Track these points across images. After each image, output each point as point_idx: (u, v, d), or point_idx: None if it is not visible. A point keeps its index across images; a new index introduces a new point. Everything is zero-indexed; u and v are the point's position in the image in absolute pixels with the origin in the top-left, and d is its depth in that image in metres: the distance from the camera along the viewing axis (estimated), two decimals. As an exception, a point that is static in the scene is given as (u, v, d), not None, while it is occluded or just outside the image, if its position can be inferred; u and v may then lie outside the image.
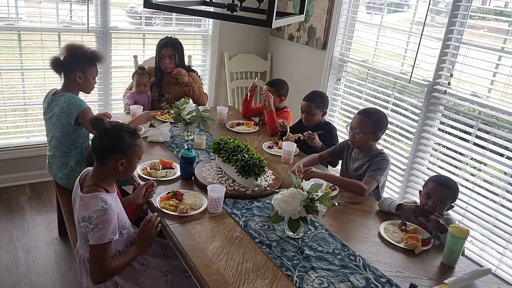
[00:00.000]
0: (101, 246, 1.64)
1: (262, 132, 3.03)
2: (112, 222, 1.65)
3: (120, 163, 1.72)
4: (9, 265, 2.67)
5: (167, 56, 3.26)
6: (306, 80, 3.91)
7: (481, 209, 2.69)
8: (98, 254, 1.66)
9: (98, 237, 1.62)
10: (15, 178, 3.57)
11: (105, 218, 1.62)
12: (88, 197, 1.66)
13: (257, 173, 2.12)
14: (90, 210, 1.62)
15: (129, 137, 1.74)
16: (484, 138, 2.68)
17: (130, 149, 1.74)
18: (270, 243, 1.76)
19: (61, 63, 2.48)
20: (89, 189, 1.69)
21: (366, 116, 2.41)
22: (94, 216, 1.61)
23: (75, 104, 2.41)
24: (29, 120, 3.69)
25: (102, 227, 1.62)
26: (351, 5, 3.50)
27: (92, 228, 1.62)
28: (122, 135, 1.72)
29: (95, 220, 1.61)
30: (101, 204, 1.63)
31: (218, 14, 1.68)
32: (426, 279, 1.67)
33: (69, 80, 2.51)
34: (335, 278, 1.60)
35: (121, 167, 1.73)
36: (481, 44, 2.74)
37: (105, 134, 1.72)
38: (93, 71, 2.55)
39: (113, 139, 1.71)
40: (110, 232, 1.64)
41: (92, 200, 1.64)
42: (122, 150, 1.72)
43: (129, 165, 1.77)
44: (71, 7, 3.64)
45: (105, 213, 1.62)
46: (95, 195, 1.65)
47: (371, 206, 2.18)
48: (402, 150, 3.23)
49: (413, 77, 3.00)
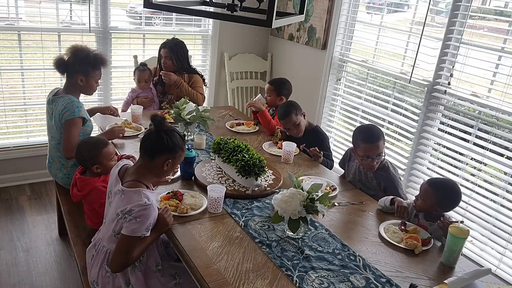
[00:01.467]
0: (131, 238, 1.67)
1: (262, 132, 3.03)
2: (149, 219, 1.69)
3: (166, 163, 1.78)
4: (9, 265, 2.67)
5: (164, 56, 3.34)
6: (306, 80, 3.91)
7: (481, 209, 2.69)
8: (126, 245, 1.69)
9: (133, 229, 1.66)
10: (15, 178, 3.57)
11: (145, 213, 1.67)
12: (131, 192, 1.70)
13: (257, 173, 2.12)
14: (132, 204, 1.66)
15: (180, 140, 1.83)
16: (484, 138, 2.68)
17: (178, 151, 1.81)
18: (270, 243, 1.76)
19: (64, 63, 2.47)
20: (131, 184, 1.73)
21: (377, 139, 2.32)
22: (135, 210, 1.65)
23: (70, 109, 2.41)
24: (29, 120, 3.70)
25: (140, 221, 1.66)
26: (351, 5, 3.50)
27: (130, 219, 1.65)
28: (176, 136, 1.81)
29: (135, 213, 1.65)
30: (144, 200, 1.67)
31: (218, 14, 1.68)
32: (426, 279, 1.67)
33: (71, 81, 2.51)
34: (335, 278, 1.60)
35: (166, 167, 1.79)
36: (481, 44, 2.74)
37: (163, 132, 1.78)
38: (96, 74, 2.54)
39: (168, 138, 1.78)
40: (144, 228, 1.69)
41: (135, 195, 1.69)
42: (173, 151, 1.79)
43: (172, 167, 1.83)
44: (71, 7, 3.64)
45: (147, 209, 1.67)
46: (139, 190, 1.70)
47: (371, 206, 2.18)
48: (402, 150, 3.23)
49: (413, 77, 3.00)
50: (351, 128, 3.65)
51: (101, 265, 1.82)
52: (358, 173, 2.49)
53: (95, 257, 1.86)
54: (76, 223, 2.35)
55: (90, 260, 1.88)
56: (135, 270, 1.81)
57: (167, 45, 3.33)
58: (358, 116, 3.58)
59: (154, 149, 1.77)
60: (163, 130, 1.79)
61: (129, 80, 3.84)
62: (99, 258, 1.83)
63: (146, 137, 1.82)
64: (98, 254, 1.84)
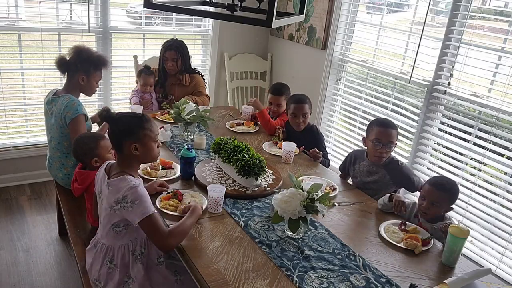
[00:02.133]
0: (148, 219, 1.65)
1: (262, 132, 3.03)
2: (146, 196, 1.69)
3: (133, 148, 1.75)
4: (9, 265, 2.67)
5: (170, 59, 3.32)
6: (306, 80, 3.91)
7: (481, 209, 2.69)
8: (151, 227, 1.67)
9: (141, 211, 1.64)
10: (15, 178, 3.57)
11: (139, 193, 1.66)
12: (117, 181, 1.70)
13: (257, 173, 2.12)
14: (123, 190, 1.66)
15: (136, 121, 1.77)
16: (484, 138, 2.68)
17: (140, 133, 1.76)
18: (270, 243, 1.76)
19: (66, 63, 2.48)
20: (116, 175, 1.74)
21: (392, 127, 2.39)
22: (128, 194, 1.65)
23: (72, 107, 2.42)
24: (29, 120, 3.70)
25: (140, 201, 1.65)
26: (351, 5, 3.50)
27: (130, 206, 1.65)
28: (128, 119, 1.78)
29: (130, 197, 1.65)
30: (132, 183, 1.67)
31: (218, 14, 1.68)
32: (426, 279, 1.67)
33: (71, 81, 2.52)
34: (335, 278, 1.60)
35: (136, 151, 1.75)
36: (481, 44, 2.74)
37: (114, 123, 1.78)
38: (97, 75, 2.56)
39: (121, 126, 1.76)
40: (149, 204, 1.68)
41: (121, 182, 1.69)
42: (131, 134, 1.75)
43: (146, 149, 1.78)
44: (71, 7, 3.64)
45: (137, 189, 1.66)
46: (124, 177, 1.70)
47: (371, 206, 2.18)
48: (402, 150, 3.23)
49: (413, 77, 3.00)
50: (351, 128, 3.66)
51: (103, 262, 1.82)
52: (368, 173, 2.48)
53: (95, 256, 1.86)
54: (76, 223, 2.35)
55: (90, 260, 1.89)
56: (136, 262, 1.81)
57: (172, 46, 3.30)
58: (358, 116, 3.58)
59: (114, 141, 1.78)
60: (111, 120, 1.79)
61: (129, 80, 3.84)
62: (100, 256, 1.83)
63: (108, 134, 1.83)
64: (98, 253, 1.84)
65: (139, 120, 1.79)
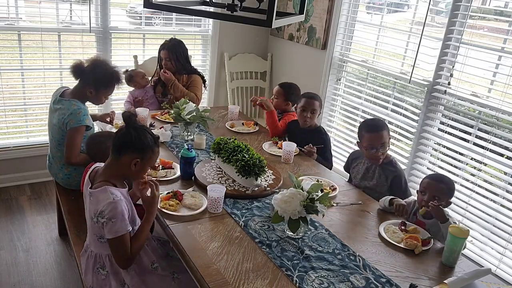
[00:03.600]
0: (119, 239, 1.65)
1: (262, 132, 3.03)
2: (124, 214, 1.65)
3: (134, 162, 1.71)
4: (9, 265, 2.67)
5: (164, 58, 3.35)
6: (306, 80, 3.90)
7: (481, 209, 2.69)
8: (118, 247, 1.67)
9: (115, 230, 1.63)
10: (15, 178, 3.57)
11: (117, 210, 1.63)
12: (98, 192, 1.67)
13: (257, 173, 2.12)
14: (101, 204, 1.63)
15: (151, 140, 1.75)
16: (484, 138, 2.68)
17: (148, 152, 1.73)
18: (270, 243, 1.76)
19: (81, 71, 2.47)
20: (99, 185, 1.70)
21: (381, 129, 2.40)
22: (106, 210, 1.62)
23: (77, 116, 2.40)
24: (29, 120, 3.69)
25: (116, 220, 1.62)
26: (351, 5, 3.50)
27: (106, 222, 1.62)
28: (146, 135, 1.74)
29: (108, 214, 1.62)
30: (112, 197, 1.63)
31: (218, 14, 1.68)
32: (426, 279, 1.67)
33: (81, 89, 2.50)
34: (335, 278, 1.60)
35: (134, 166, 1.71)
36: (481, 44, 2.74)
37: (132, 129, 1.73)
38: (107, 91, 2.54)
39: (137, 136, 1.71)
40: (125, 224, 1.66)
41: (102, 194, 1.65)
42: (140, 150, 1.71)
43: (141, 168, 1.76)
44: (71, 7, 3.64)
45: (117, 206, 1.63)
46: (105, 188, 1.66)
47: (371, 206, 2.18)
48: (402, 150, 3.23)
49: (413, 77, 3.00)
50: (351, 128, 3.66)
51: (93, 269, 1.80)
52: (365, 172, 2.50)
53: (87, 262, 1.84)
54: (76, 223, 2.35)
55: (83, 265, 1.87)
56: (129, 271, 1.79)
57: (165, 46, 3.33)
58: (358, 116, 3.58)
59: (121, 145, 1.72)
60: (133, 126, 1.73)
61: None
62: (90, 263, 1.82)
63: (116, 134, 1.77)
64: (89, 259, 1.83)
65: (154, 141, 1.76)
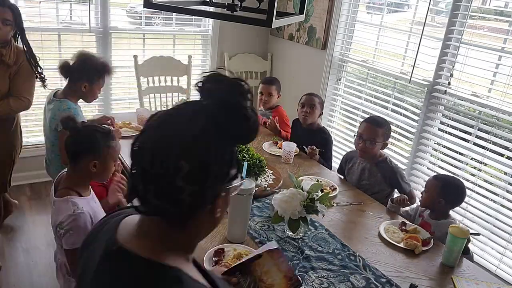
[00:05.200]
0: (74, 251, 1.55)
1: (262, 132, 3.03)
2: (84, 227, 1.58)
3: (92, 165, 1.62)
4: (9, 265, 2.67)
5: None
6: (306, 80, 3.91)
7: (481, 209, 2.68)
8: (74, 259, 1.58)
9: (72, 242, 1.56)
10: (15, 178, 3.56)
11: (77, 223, 1.55)
12: (59, 202, 1.59)
13: (257, 173, 2.12)
14: (62, 216, 1.56)
15: (102, 137, 1.65)
16: (484, 138, 2.68)
17: (104, 150, 1.65)
18: (270, 243, 1.76)
19: (69, 69, 2.46)
20: (61, 193, 1.61)
21: (378, 125, 2.41)
22: (65, 222, 1.55)
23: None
24: (29, 120, 3.69)
25: (74, 233, 1.56)
26: (351, 5, 3.50)
27: (64, 233, 1.56)
28: (95, 135, 1.64)
29: (67, 226, 1.55)
30: (73, 209, 1.56)
31: (218, 14, 1.68)
32: (426, 279, 1.67)
33: (72, 86, 2.49)
34: (335, 278, 1.60)
35: (94, 169, 1.63)
36: (481, 44, 2.74)
37: (77, 134, 1.64)
38: (100, 83, 2.53)
39: (85, 139, 1.63)
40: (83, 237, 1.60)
41: (63, 204, 1.58)
42: (94, 151, 1.63)
43: (104, 168, 1.68)
44: (71, 7, 3.64)
45: (77, 218, 1.55)
46: (67, 199, 1.58)
47: (371, 206, 2.18)
48: (402, 150, 3.23)
49: (413, 77, 3.00)
50: (351, 128, 3.65)
51: (64, 277, 1.75)
52: (362, 171, 2.50)
53: (57, 269, 1.79)
54: (76, 223, 2.34)
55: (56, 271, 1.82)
56: None
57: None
58: (358, 116, 3.57)
59: (72, 153, 1.63)
60: (76, 131, 1.63)
61: (129, 80, 3.84)
62: (60, 270, 1.77)
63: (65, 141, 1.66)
64: (58, 267, 1.78)
65: (106, 137, 1.66)
